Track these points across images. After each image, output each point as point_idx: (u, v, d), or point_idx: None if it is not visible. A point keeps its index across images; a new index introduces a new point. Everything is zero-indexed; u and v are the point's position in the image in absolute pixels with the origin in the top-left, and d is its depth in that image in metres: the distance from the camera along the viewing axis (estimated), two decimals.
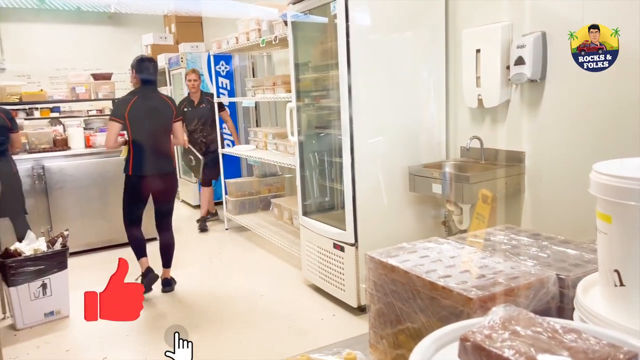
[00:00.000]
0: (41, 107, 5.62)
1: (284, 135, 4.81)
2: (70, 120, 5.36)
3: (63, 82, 6.15)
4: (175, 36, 7.21)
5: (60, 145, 4.77)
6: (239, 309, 3.53)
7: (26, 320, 3.26)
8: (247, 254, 4.73)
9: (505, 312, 0.67)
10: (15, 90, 5.22)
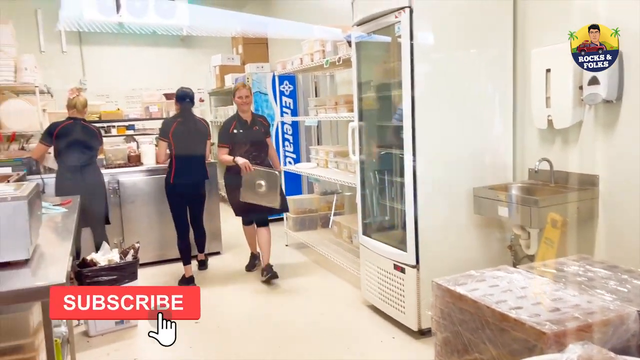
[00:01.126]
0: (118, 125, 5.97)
1: (344, 153, 4.84)
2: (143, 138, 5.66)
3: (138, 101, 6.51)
4: (242, 57, 7.47)
5: (134, 161, 5.04)
6: (297, 326, 3.55)
7: (98, 327, 3.44)
8: (306, 271, 4.76)
9: (583, 351, 0.65)
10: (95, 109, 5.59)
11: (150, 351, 3.33)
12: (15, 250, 1.94)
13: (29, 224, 1.96)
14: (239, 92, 4.36)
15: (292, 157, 6.53)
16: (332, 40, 4.37)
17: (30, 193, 2.03)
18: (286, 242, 5.58)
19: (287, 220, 5.56)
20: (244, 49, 7.46)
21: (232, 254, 5.35)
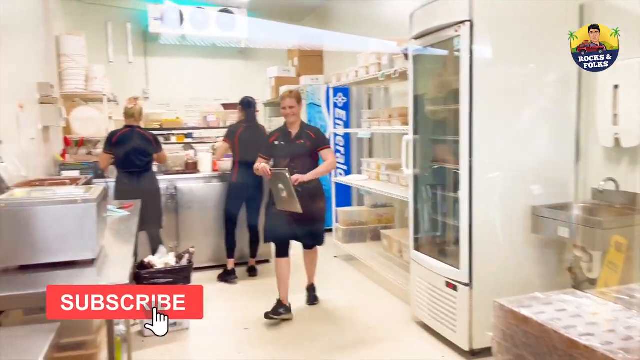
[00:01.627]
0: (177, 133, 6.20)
1: (396, 166, 4.82)
2: (200, 146, 5.84)
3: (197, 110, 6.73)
4: (298, 69, 7.58)
5: (191, 168, 5.20)
6: (344, 339, 3.53)
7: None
8: (354, 284, 4.74)
9: None
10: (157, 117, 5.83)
11: (202, 355, 3.41)
12: (83, 250, 2.05)
13: (96, 225, 2.06)
14: (283, 101, 3.94)
15: (343, 169, 6.55)
16: (389, 53, 4.37)
17: (98, 196, 2.13)
18: (335, 254, 5.58)
19: (336, 232, 5.57)
20: (299, 61, 7.58)
21: None
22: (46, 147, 4.55)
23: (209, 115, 5.97)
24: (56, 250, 2.00)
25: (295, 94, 3.95)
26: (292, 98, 3.91)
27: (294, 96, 3.93)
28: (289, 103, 3.88)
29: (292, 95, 3.95)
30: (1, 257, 1.95)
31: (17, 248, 1.96)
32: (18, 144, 3.57)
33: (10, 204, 1.97)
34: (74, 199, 2.05)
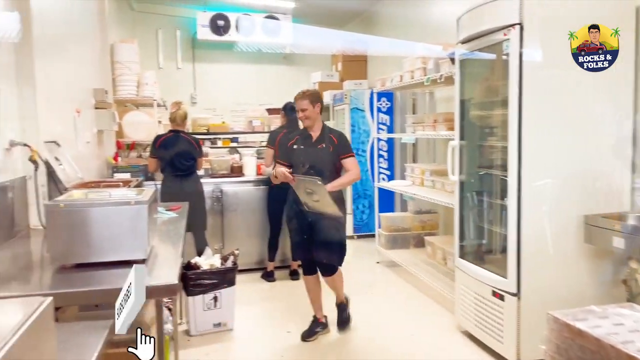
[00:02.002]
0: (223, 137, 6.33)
1: (441, 172, 4.74)
2: (245, 150, 5.95)
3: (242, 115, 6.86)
4: (341, 74, 7.61)
5: (236, 172, 5.30)
6: (386, 345, 3.50)
7: (199, 328, 3.63)
8: (397, 290, 4.69)
9: None
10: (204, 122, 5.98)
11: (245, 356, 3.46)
12: (135, 250, 2.12)
13: (147, 226, 2.13)
14: (296, 103, 3.54)
15: (386, 174, 6.51)
16: (434, 57, 4.32)
17: (150, 198, 2.21)
18: (377, 260, 5.55)
19: (378, 238, 5.53)
20: (343, 66, 7.60)
21: None
22: (100, 150, 4.74)
23: (254, 120, 6.07)
24: (110, 249, 2.08)
25: (308, 95, 3.49)
26: (305, 99, 3.46)
27: (307, 97, 3.47)
28: (301, 105, 3.48)
29: (304, 96, 3.49)
30: (59, 255, 2.05)
31: (74, 247, 2.04)
32: (75, 147, 3.73)
33: (68, 205, 2.06)
34: (128, 200, 2.12)
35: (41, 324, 0.96)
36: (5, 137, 2.61)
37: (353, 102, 6.56)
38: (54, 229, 2.04)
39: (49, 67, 3.13)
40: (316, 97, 3.54)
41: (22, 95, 2.83)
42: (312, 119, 3.49)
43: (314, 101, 3.48)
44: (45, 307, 0.98)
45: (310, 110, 3.46)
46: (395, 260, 5.13)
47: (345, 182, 3.54)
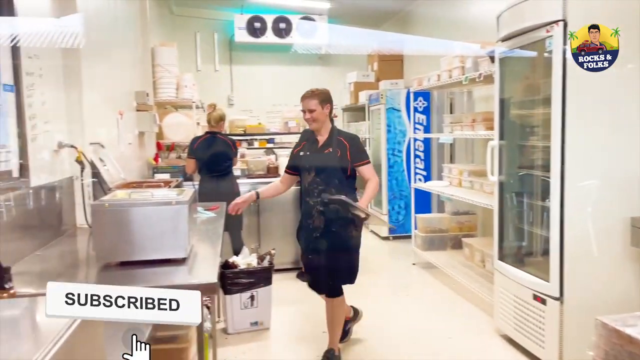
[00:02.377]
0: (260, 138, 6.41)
1: (479, 173, 4.66)
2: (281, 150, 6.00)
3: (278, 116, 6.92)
4: (377, 74, 7.57)
5: (272, 172, 5.35)
6: (422, 348, 3.47)
7: (236, 326, 3.68)
8: (434, 292, 4.64)
9: None
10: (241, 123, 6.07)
11: (282, 355, 3.48)
12: (175, 249, 2.17)
13: (188, 226, 2.18)
14: (303, 104, 3.15)
15: (423, 175, 6.44)
16: (473, 56, 4.25)
17: (190, 198, 2.26)
18: (413, 261, 5.49)
19: (415, 239, 5.48)
20: (379, 65, 7.56)
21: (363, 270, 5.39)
22: (141, 151, 4.87)
23: (289, 120, 6.12)
24: (152, 248, 2.13)
25: (317, 94, 3.11)
26: (313, 99, 3.09)
27: (315, 96, 3.09)
28: (308, 105, 3.10)
29: (313, 95, 3.11)
30: (104, 253, 2.12)
31: (118, 245, 2.11)
32: (118, 148, 3.85)
33: (113, 205, 2.13)
34: (169, 200, 2.18)
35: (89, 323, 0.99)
36: (54, 139, 2.72)
37: (389, 102, 6.52)
38: (100, 228, 2.11)
39: (93, 70, 3.24)
40: (326, 97, 3.16)
41: (69, 98, 2.94)
42: (320, 122, 3.11)
43: (323, 101, 3.11)
44: None
45: (319, 112, 3.08)
46: (431, 261, 5.07)
47: (371, 195, 3.15)
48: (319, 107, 3.08)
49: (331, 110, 3.19)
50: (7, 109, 2.22)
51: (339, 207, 3.00)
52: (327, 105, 3.13)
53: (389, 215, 6.59)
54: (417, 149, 6.38)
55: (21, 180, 2.29)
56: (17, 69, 2.31)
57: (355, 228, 3.11)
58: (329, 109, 3.16)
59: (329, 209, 3.08)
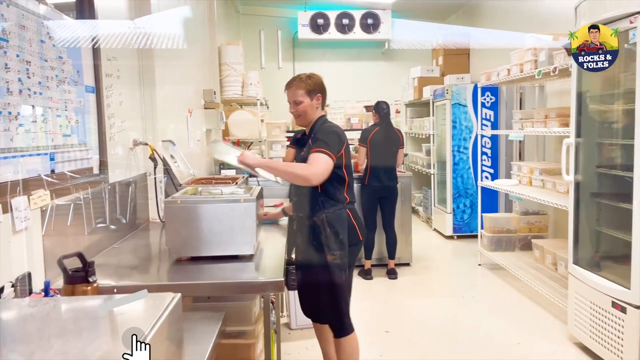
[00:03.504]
0: None
1: (552, 171, 4.44)
2: None
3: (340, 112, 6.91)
4: (442, 68, 7.39)
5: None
6: (489, 353, 3.35)
7: (299, 322, 3.72)
8: (500, 295, 4.47)
9: None
10: None
11: None
12: (243, 245, 2.21)
13: (255, 223, 2.21)
14: (288, 94, 2.58)
15: (490, 172, 6.23)
16: (548, 48, 4.04)
17: (257, 195, 2.29)
18: (479, 262, 5.33)
19: (481, 239, 5.31)
20: (444, 60, 7.37)
21: (421, 267, 5.32)
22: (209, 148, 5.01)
23: (352, 117, 6.09)
24: (221, 244, 2.18)
25: (304, 81, 2.51)
26: (299, 88, 2.49)
27: (302, 84, 2.50)
28: (293, 96, 2.52)
29: (299, 83, 2.51)
30: (176, 248, 2.19)
31: (189, 241, 2.17)
32: (187, 145, 3.98)
33: (184, 202, 2.20)
34: (237, 198, 2.22)
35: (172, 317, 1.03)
36: (129, 137, 2.85)
37: (454, 98, 6.34)
38: (172, 224, 2.18)
39: (165, 70, 3.36)
40: (316, 85, 2.52)
41: (143, 97, 3.07)
42: (309, 116, 2.52)
43: (313, 91, 2.50)
44: (176, 302, 1.05)
45: (307, 104, 2.50)
46: (499, 263, 4.90)
47: (278, 167, 2.41)
48: (306, 99, 2.49)
49: (323, 102, 2.57)
50: (89, 109, 2.34)
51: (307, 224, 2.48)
52: (318, 96, 2.52)
53: (454, 214, 6.43)
54: (484, 146, 6.18)
55: (100, 177, 2.41)
56: (97, 70, 2.43)
57: (329, 249, 2.44)
58: (320, 100, 2.54)
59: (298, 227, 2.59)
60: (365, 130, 5.06)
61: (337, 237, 2.45)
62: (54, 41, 2.04)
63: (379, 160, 4.87)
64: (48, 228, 1.88)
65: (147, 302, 1.08)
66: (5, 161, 1.68)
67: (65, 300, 1.23)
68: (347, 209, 2.54)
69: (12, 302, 1.48)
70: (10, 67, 1.71)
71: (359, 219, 2.63)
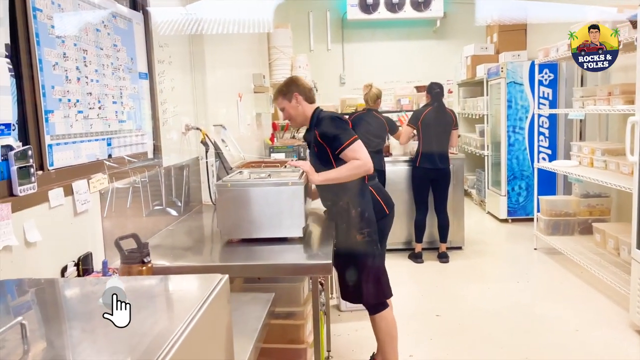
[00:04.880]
0: None
1: (615, 152, 4.20)
2: None
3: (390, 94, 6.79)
4: (497, 46, 7.10)
5: (385, 151, 5.27)
6: (546, 339, 3.25)
7: (348, 304, 3.72)
8: (558, 280, 4.31)
9: None
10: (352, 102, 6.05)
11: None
12: (292, 228, 2.23)
13: (304, 206, 2.23)
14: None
15: (547, 153, 5.98)
16: (611, 21, 3.79)
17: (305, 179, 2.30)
18: (535, 246, 5.15)
19: (537, 222, 5.12)
20: (499, 37, 7.09)
21: (473, 251, 5.20)
22: (258, 131, 5.07)
23: (402, 98, 5.98)
24: (270, 227, 2.21)
25: (277, 90, 2.62)
26: (277, 98, 2.61)
27: (277, 95, 2.61)
28: (278, 107, 2.64)
29: (275, 95, 2.65)
30: (228, 230, 2.24)
31: (240, 223, 2.22)
32: (237, 129, 4.04)
33: (234, 185, 2.24)
34: (285, 181, 2.24)
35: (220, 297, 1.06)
36: (181, 122, 2.92)
37: (510, 76, 6.09)
38: (223, 207, 2.23)
39: (215, 55, 3.40)
40: (287, 87, 2.58)
41: (194, 82, 3.13)
42: (299, 116, 2.58)
43: (287, 93, 2.56)
44: (224, 283, 1.08)
45: (289, 107, 2.56)
46: (556, 247, 4.71)
47: (336, 176, 2.43)
48: (286, 103, 2.56)
49: (306, 96, 2.56)
50: (143, 95, 2.42)
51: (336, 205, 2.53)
52: (294, 94, 2.54)
53: (508, 196, 6.23)
54: (542, 126, 5.93)
55: (155, 161, 2.49)
56: (150, 57, 2.50)
57: (358, 230, 2.48)
58: (299, 97, 2.54)
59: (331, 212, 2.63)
60: (417, 112, 4.99)
61: (363, 216, 2.51)
62: (109, 30, 2.10)
63: (431, 142, 4.79)
64: (108, 210, 1.96)
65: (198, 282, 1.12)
66: (66, 147, 1.77)
67: (122, 280, 1.28)
68: (368, 185, 2.60)
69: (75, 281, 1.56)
70: (69, 56, 1.79)
71: (383, 193, 2.69)
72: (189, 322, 0.94)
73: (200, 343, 0.97)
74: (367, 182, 2.59)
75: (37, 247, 1.54)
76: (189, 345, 0.92)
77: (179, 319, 0.94)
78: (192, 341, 0.93)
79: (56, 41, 1.72)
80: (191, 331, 0.93)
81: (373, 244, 2.53)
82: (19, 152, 1.47)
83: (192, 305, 0.96)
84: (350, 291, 2.59)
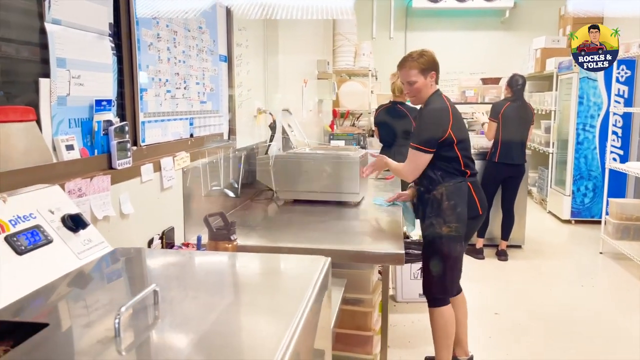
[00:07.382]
0: None
1: None
2: None
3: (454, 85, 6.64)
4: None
5: None
6: (608, 344, 3.12)
7: (405, 295, 3.72)
8: (626, 286, 4.12)
9: None
10: None
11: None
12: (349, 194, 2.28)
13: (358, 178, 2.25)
14: (401, 74, 2.59)
15: (618, 154, 5.70)
16: None
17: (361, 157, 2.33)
18: (600, 249, 4.94)
19: (605, 225, 4.90)
20: (573, 29, 6.76)
21: (533, 250, 5.05)
22: (319, 117, 5.09)
23: (467, 90, 5.84)
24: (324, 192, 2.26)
25: (416, 59, 2.46)
26: (412, 68, 2.45)
27: (414, 65, 2.45)
28: (406, 77, 2.48)
29: (412, 62, 2.46)
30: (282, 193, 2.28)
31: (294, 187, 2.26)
32: (301, 115, 4.07)
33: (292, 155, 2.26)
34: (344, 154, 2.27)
35: (326, 279, 1.08)
36: (254, 105, 2.96)
37: (583, 71, 5.80)
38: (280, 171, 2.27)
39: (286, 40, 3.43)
40: (430, 64, 2.47)
41: (267, 66, 3.17)
42: (423, 94, 2.47)
43: (425, 69, 2.44)
44: (328, 265, 1.11)
45: (424, 83, 2.45)
46: (624, 252, 4.50)
47: (395, 167, 2.58)
48: (420, 78, 2.44)
49: (437, 78, 2.53)
50: (222, 77, 2.47)
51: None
52: (432, 73, 2.48)
53: (573, 197, 5.99)
54: (615, 125, 5.64)
55: (229, 142, 2.54)
56: (229, 40, 2.54)
57: (445, 222, 2.42)
58: (434, 77, 2.50)
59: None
60: (497, 105, 4.75)
61: (455, 210, 2.43)
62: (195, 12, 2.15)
63: (511, 137, 4.58)
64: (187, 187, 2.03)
65: (302, 263, 1.15)
66: (156, 124, 1.83)
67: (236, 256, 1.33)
68: (468, 181, 2.48)
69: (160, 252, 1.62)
70: (162, 37, 1.84)
71: (481, 193, 2.55)
72: (307, 301, 0.97)
73: (314, 322, 1.00)
74: (468, 177, 2.48)
75: (129, 219, 1.61)
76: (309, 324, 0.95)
77: (300, 298, 0.97)
78: (310, 320, 0.96)
79: (152, 22, 1.77)
80: (310, 310, 0.95)
81: (457, 240, 2.46)
82: (118, 127, 1.54)
83: (308, 285, 0.99)
84: (430, 282, 2.57)
